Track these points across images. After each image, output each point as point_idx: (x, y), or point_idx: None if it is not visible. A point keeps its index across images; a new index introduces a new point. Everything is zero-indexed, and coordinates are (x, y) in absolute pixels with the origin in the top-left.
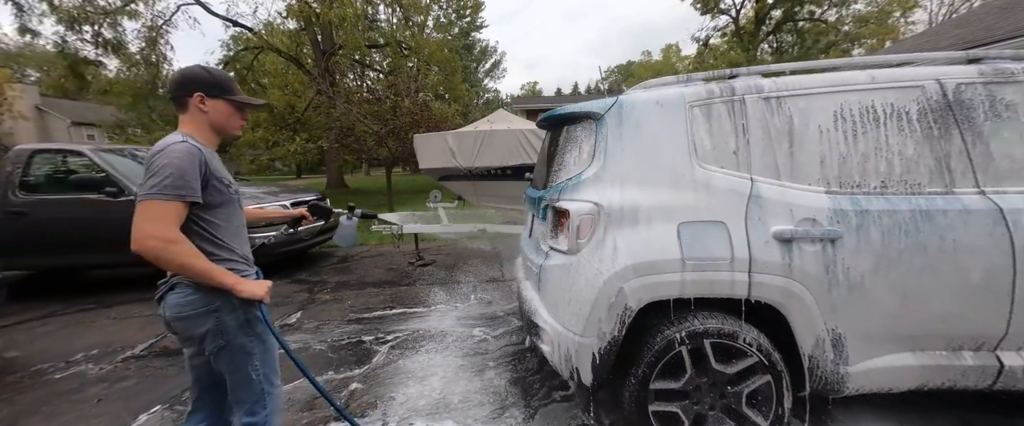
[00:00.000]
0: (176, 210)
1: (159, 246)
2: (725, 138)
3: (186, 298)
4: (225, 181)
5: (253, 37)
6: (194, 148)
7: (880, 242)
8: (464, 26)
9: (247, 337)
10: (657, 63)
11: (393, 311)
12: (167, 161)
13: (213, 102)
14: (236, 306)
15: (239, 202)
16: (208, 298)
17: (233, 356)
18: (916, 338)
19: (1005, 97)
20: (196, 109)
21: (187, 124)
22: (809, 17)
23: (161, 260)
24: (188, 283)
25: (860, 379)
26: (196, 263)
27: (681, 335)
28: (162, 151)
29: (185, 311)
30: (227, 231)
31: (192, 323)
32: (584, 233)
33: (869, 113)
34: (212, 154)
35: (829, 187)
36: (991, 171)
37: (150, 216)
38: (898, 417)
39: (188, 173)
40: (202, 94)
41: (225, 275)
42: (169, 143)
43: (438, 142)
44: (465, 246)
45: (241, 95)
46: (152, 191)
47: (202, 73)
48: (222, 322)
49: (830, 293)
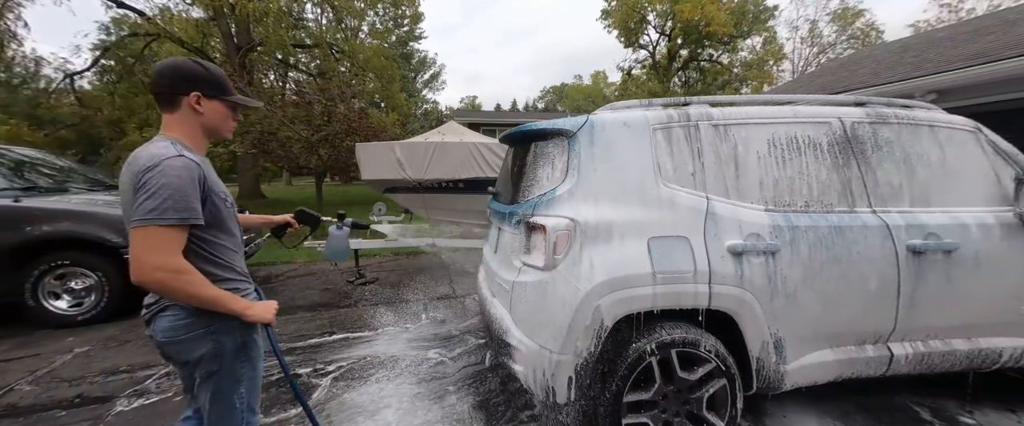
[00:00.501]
0: (179, 236)
1: (168, 278)
2: (684, 159)
3: (180, 321)
4: (222, 195)
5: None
6: (191, 163)
7: (807, 254)
8: (402, 35)
9: (241, 363)
10: (587, 87)
11: (333, 337)
12: (165, 181)
13: (210, 103)
14: (235, 328)
15: (235, 214)
16: (205, 320)
17: (221, 382)
18: (834, 336)
19: (884, 135)
20: (189, 109)
21: (175, 127)
22: (709, 59)
23: (168, 292)
24: (182, 305)
25: (795, 376)
26: (205, 292)
27: (651, 346)
28: (156, 168)
29: (179, 335)
30: (227, 248)
31: (187, 347)
32: (561, 249)
33: (793, 143)
34: (207, 166)
35: (767, 205)
36: (878, 194)
37: (153, 245)
38: (816, 406)
39: (189, 193)
40: (199, 94)
41: (234, 301)
42: (162, 157)
43: (384, 152)
44: (409, 261)
45: (238, 95)
46: (151, 216)
47: (199, 69)
48: (220, 345)
49: (772, 300)
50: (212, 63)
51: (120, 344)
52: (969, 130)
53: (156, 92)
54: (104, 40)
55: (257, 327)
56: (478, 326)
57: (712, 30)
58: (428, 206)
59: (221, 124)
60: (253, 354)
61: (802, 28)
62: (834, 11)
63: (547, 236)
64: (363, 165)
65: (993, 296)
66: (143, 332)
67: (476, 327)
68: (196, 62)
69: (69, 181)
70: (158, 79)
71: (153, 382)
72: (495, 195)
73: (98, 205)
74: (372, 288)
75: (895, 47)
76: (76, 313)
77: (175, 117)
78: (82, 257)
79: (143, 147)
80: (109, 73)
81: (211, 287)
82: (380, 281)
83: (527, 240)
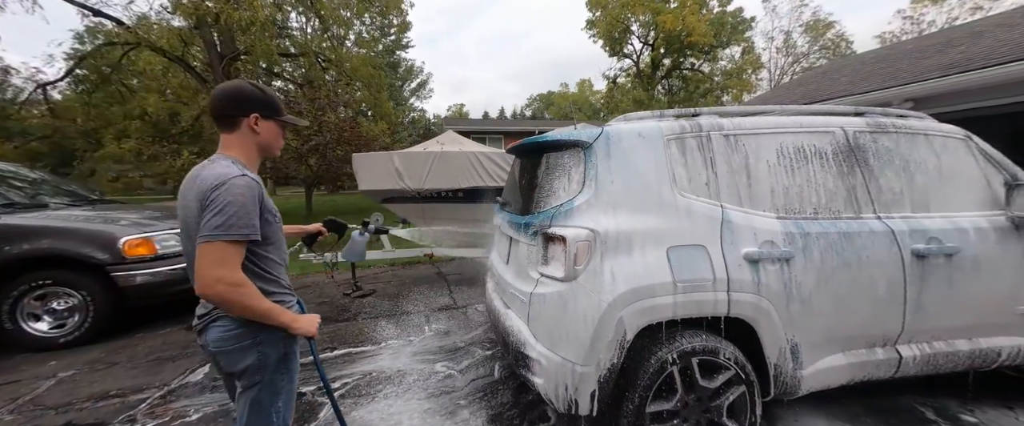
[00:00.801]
0: (239, 252)
1: (227, 291)
2: (697, 169)
3: (229, 332)
4: (273, 212)
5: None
6: (253, 182)
7: (819, 260)
8: (389, 44)
9: (281, 375)
10: (573, 94)
11: (335, 353)
12: (231, 199)
13: (266, 123)
14: (279, 340)
15: (282, 229)
16: (252, 332)
17: (262, 393)
18: (845, 340)
19: (884, 143)
20: (248, 130)
21: (234, 146)
22: (691, 67)
23: (227, 304)
24: (232, 317)
25: (810, 381)
26: (259, 305)
27: (673, 355)
28: (223, 186)
29: (228, 345)
30: (275, 263)
31: (235, 357)
32: (581, 260)
33: (800, 151)
34: (261, 184)
35: (778, 213)
36: (882, 200)
37: (216, 260)
38: (825, 409)
39: (251, 211)
40: (258, 114)
41: (283, 314)
42: (228, 176)
43: (382, 162)
44: (406, 272)
45: (289, 116)
46: (217, 232)
47: (257, 92)
48: (264, 357)
49: (788, 307)
50: (254, 83)
51: (107, 367)
52: (960, 138)
53: (218, 114)
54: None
55: (297, 339)
56: (483, 337)
57: (693, 40)
58: (427, 216)
59: (273, 142)
60: (292, 367)
61: (777, 38)
62: (806, 22)
63: (567, 247)
64: (360, 175)
65: (991, 297)
66: (130, 353)
67: (481, 338)
68: (253, 85)
69: (47, 195)
70: (221, 102)
71: (147, 407)
72: (504, 205)
73: (80, 221)
74: (370, 300)
75: (868, 58)
76: (58, 335)
77: (234, 137)
78: (64, 276)
79: (206, 166)
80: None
81: (264, 300)
82: (378, 293)
83: (544, 251)
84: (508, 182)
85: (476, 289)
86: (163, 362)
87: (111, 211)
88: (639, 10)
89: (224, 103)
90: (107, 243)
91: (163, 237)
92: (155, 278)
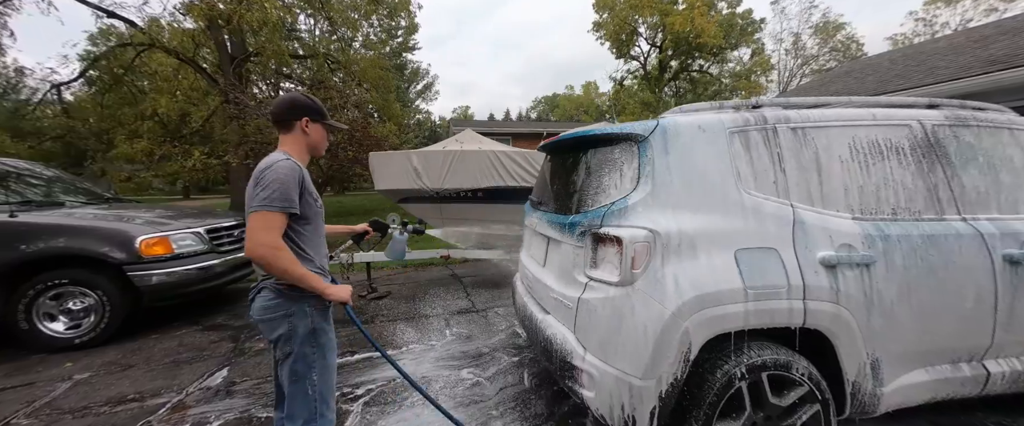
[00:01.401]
0: (280, 220)
1: (269, 253)
2: (764, 165)
3: (268, 302)
4: (314, 196)
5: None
6: (295, 165)
7: (902, 265)
8: (395, 46)
9: (311, 348)
10: (579, 97)
11: (355, 357)
12: (275, 176)
13: (314, 125)
14: (308, 314)
15: (323, 216)
16: (286, 304)
17: (295, 364)
18: (928, 354)
19: (965, 138)
20: (301, 131)
21: (288, 144)
22: (699, 69)
23: (268, 264)
24: (272, 288)
25: (889, 399)
26: (295, 269)
27: (741, 370)
28: (271, 167)
29: (267, 314)
30: (311, 242)
31: (271, 325)
32: (639, 263)
33: (875, 146)
34: (305, 172)
35: (853, 214)
36: (966, 200)
37: (262, 226)
38: None
39: (291, 188)
40: (308, 118)
41: (317, 280)
42: (276, 160)
43: (400, 162)
44: (419, 274)
45: (333, 121)
46: (264, 203)
47: (308, 101)
48: (293, 327)
49: (869, 318)
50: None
51: (123, 369)
52: None
53: (276, 118)
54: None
55: (329, 317)
56: (507, 343)
57: (703, 42)
58: (445, 216)
59: (320, 142)
60: (323, 341)
61: (786, 40)
62: (816, 24)
63: (623, 249)
64: (377, 174)
65: None
66: (147, 355)
67: (505, 344)
68: (305, 95)
69: (63, 193)
70: (279, 108)
71: (165, 413)
72: (538, 204)
73: (97, 219)
74: (387, 303)
75: (896, 55)
76: (73, 336)
77: (289, 137)
78: (80, 275)
79: (265, 159)
80: (96, 84)
81: (300, 266)
82: (393, 295)
83: (593, 253)
84: (539, 180)
85: (494, 291)
86: (180, 365)
87: (126, 209)
88: (647, 12)
89: (282, 109)
90: (124, 242)
91: (179, 236)
92: (170, 278)
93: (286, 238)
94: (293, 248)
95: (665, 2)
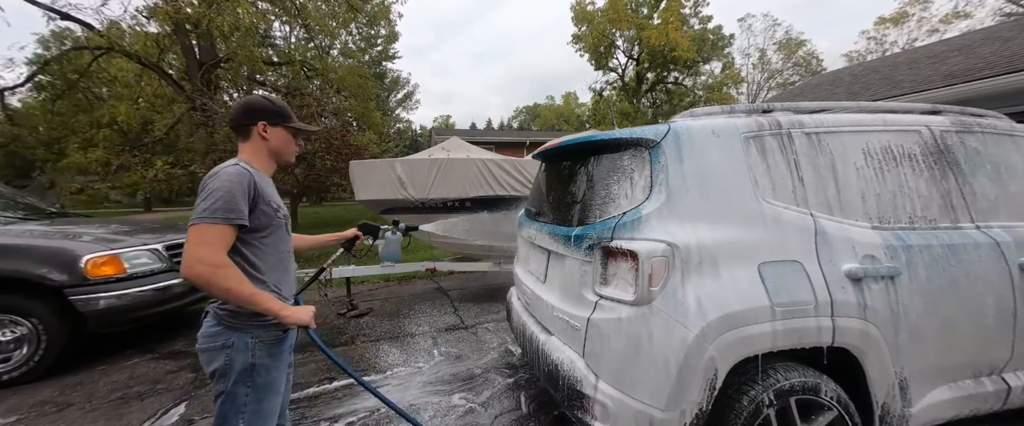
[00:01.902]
0: (223, 233)
1: (208, 272)
2: (781, 172)
3: (208, 329)
4: (273, 205)
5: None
6: (243, 171)
7: (925, 277)
8: (375, 55)
9: (245, 388)
10: (559, 107)
11: (334, 385)
12: (218, 184)
13: (275, 129)
14: (248, 347)
15: (287, 228)
16: (225, 334)
17: (224, 405)
18: (951, 370)
19: (971, 144)
20: (258, 137)
21: (247, 152)
22: (674, 81)
23: (208, 285)
24: (215, 314)
25: (916, 420)
26: (241, 289)
27: (769, 395)
28: (214, 175)
29: (205, 343)
30: (269, 257)
31: (207, 357)
32: (656, 279)
33: (888, 152)
34: (264, 178)
35: (873, 223)
36: (978, 208)
37: (200, 240)
38: None
39: (236, 196)
40: (265, 122)
41: (270, 301)
42: (222, 167)
43: (383, 170)
44: (402, 288)
45: (298, 123)
46: (203, 214)
47: (266, 103)
48: (229, 361)
49: (897, 334)
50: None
51: (59, 409)
52: None
53: (232, 125)
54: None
55: (282, 352)
56: (500, 362)
57: (677, 55)
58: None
59: (283, 148)
60: (262, 381)
61: (753, 55)
62: (780, 41)
63: (639, 264)
64: (358, 184)
65: None
66: (89, 391)
67: (498, 363)
68: (263, 97)
69: None
70: (234, 113)
71: None
72: (536, 215)
73: (35, 236)
74: (368, 321)
75: (858, 69)
76: (0, 372)
77: (247, 144)
78: (11, 301)
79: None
80: (47, 89)
81: (248, 285)
82: (375, 312)
83: (603, 268)
84: (535, 189)
85: (483, 305)
86: (128, 401)
87: (73, 225)
88: (624, 26)
89: (236, 114)
90: (65, 262)
91: (132, 254)
92: (121, 301)
93: (235, 254)
94: (244, 265)
95: (641, 17)
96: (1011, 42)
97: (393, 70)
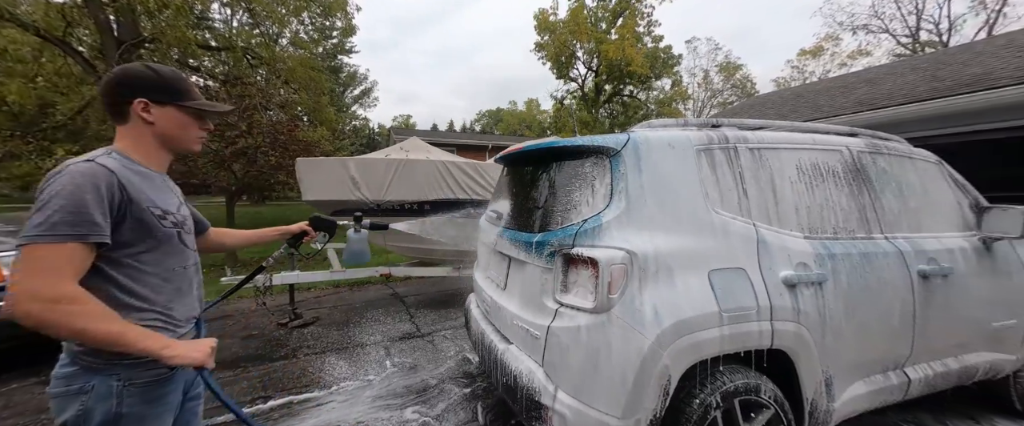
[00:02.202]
0: (72, 255)
1: (42, 310)
2: (728, 183)
3: (62, 369)
4: (162, 208)
5: None
6: (99, 168)
7: (846, 283)
8: (330, 48)
9: None
10: (522, 113)
11: (270, 404)
12: (58, 189)
13: (160, 109)
14: (113, 392)
15: (182, 238)
16: (82, 377)
17: None
18: (865, 366)
19: (880, 164)
20: (138, 119)
21: (124, 138)
22: (630, 94)
23: (46, 328)
24: (70, 352)
25: (838, 413)
26: (100, 327)
27: (716, 398)
28: (56, 175)
29: (56, 387)
30: (150, 280)
31: (58, 404)
32: (615, 287)
33: (817, 168)
34: (144, 175)
35: (804, 233)
36: (886, 220)
37: (33, 268)
38: None
39: (88, 203)
40: (146, 100)
41: (146, 339)
42: (70, 163)
43: (335, 169)
44: (353, 294)
45: (199, 100)
46: (37, 232)
47: (147, 73)
48: (86, 413)
49: (824, 335)
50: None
51: None
52: (934, 162)
53: (105, 104)
54: None
55: (166, 396)
56: (458, 371)
57: (633, 70)
58: (387, 232)
59: (178, 134)
60: None
61: (698, 75)
62: (720, 63)
63: (599, 272)
64: (305, 183)
65: (974, 315)
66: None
67: (455, 372)
68: (146, 66)
69: None
70: (104, 88)
71: None
72: (498, 219)
73: None
74: (313, 331)
75: (786, 94)
76: None
77: (124, 128)
78: None
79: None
80: None
81: (110, 321)
82: (322, 320)
83: (564, 275)
84: (497, 194)
85: (441, 311)
86: None
87: None
88: (584, 38)
89: (106, 89)
90: None
91: None
92: None
93: (99, 278)
94: (115, 292)
95: (600, 31)
96: (904, 77)
97: (350, 65)
